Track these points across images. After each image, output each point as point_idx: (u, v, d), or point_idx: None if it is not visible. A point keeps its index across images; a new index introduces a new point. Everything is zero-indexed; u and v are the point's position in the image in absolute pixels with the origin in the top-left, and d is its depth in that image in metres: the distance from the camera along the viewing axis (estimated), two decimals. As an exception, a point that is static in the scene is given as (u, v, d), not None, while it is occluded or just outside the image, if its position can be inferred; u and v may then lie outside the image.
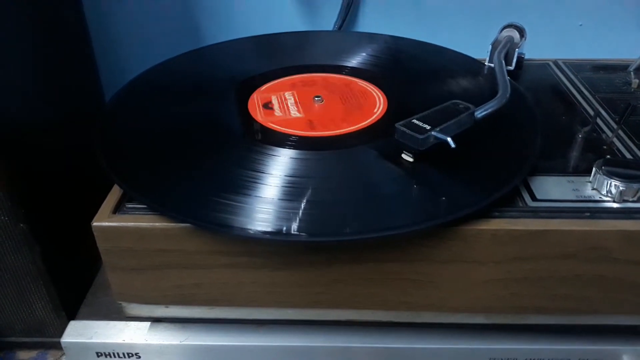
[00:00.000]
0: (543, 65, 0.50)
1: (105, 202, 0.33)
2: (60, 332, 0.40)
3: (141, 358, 0.37)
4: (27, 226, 0.43)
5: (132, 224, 0.31)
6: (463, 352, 0.36)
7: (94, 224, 0.31)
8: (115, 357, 0.37)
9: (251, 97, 0.42)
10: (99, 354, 0.37)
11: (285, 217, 0.30)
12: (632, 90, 0.45)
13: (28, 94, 0.45)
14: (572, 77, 0.48)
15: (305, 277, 0.32)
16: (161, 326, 0.37)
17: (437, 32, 0.63)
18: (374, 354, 0.37)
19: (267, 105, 0.41)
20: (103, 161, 0.34)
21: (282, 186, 0.32)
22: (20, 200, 0.42)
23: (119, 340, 0.37)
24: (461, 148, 0.32)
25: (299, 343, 0.36)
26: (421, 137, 0.31)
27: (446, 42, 0.51)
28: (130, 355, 0.37)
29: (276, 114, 0.40)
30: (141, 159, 0.35)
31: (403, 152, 0.33)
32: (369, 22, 0.65)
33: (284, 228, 0.29)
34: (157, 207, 0.31)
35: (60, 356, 0.54)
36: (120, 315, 0.37)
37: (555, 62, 0.51)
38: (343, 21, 0.63)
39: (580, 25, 0.64)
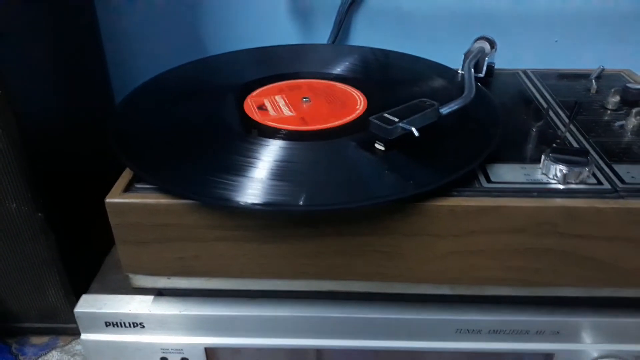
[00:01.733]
0: (513, 74, 0.55)
1: (117, 182, 0.37)
2: (71, 318, 0.44)
3: (145, 327, 0.41)
4: (44, 215, 0.48)
5: (140, 200, 0.36)
6: (433, 322, 0.40)
7: (107, 200, 0.36)
8: (122, 326, 0.42)
9: (246, 99, 0.47)
10: (108, 324, 0.42)
11: (276, 192, 0.34)
12: (590, 95, 0.50)
13: (49, 102, 0.51)
14: (538, 83, 0.52)
15: (290, 249, 0.37)
16: (163, 299, 0.42)
17: (422, 45, 0.68)
18: (352, 324, 0.41)
19: (261, 107, 0.46)
20: (117, 148, 0.39)
21: (274, 169, 0.37)
22: (38, 192, 0.47)
23: (126, 311, 0.41)
24: (429, 139, 0.37)
25: (286, 313, 0.41)
26: (390, 127, 0.36)
27: (430, 54, 0.55)
28: (135, 324, 0.42)
29: (270, 113, 0.45)
30: (149, 146, 0.40)
31: (376, 142, 0.38)
32: (360, 36, 0.70)
33: (275, 200, 0.34)
34: (162, 185, 0.36)
35: (70, 341, 0.58)
36: (126, 290, 0.42)
37: (525, 72, 0.55)
38: (336, 36, 0.68)
39: (556, 41, 0.70)
